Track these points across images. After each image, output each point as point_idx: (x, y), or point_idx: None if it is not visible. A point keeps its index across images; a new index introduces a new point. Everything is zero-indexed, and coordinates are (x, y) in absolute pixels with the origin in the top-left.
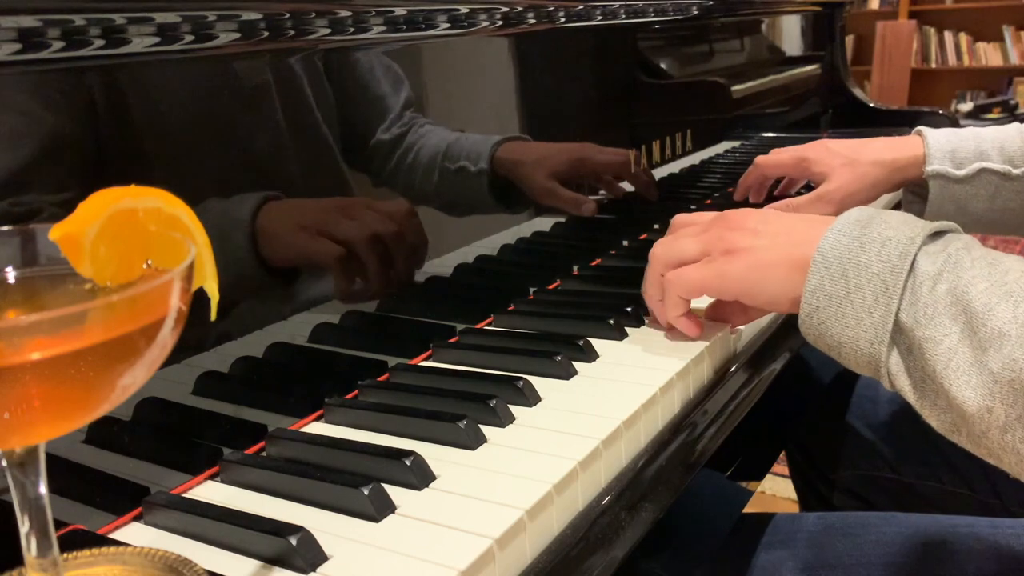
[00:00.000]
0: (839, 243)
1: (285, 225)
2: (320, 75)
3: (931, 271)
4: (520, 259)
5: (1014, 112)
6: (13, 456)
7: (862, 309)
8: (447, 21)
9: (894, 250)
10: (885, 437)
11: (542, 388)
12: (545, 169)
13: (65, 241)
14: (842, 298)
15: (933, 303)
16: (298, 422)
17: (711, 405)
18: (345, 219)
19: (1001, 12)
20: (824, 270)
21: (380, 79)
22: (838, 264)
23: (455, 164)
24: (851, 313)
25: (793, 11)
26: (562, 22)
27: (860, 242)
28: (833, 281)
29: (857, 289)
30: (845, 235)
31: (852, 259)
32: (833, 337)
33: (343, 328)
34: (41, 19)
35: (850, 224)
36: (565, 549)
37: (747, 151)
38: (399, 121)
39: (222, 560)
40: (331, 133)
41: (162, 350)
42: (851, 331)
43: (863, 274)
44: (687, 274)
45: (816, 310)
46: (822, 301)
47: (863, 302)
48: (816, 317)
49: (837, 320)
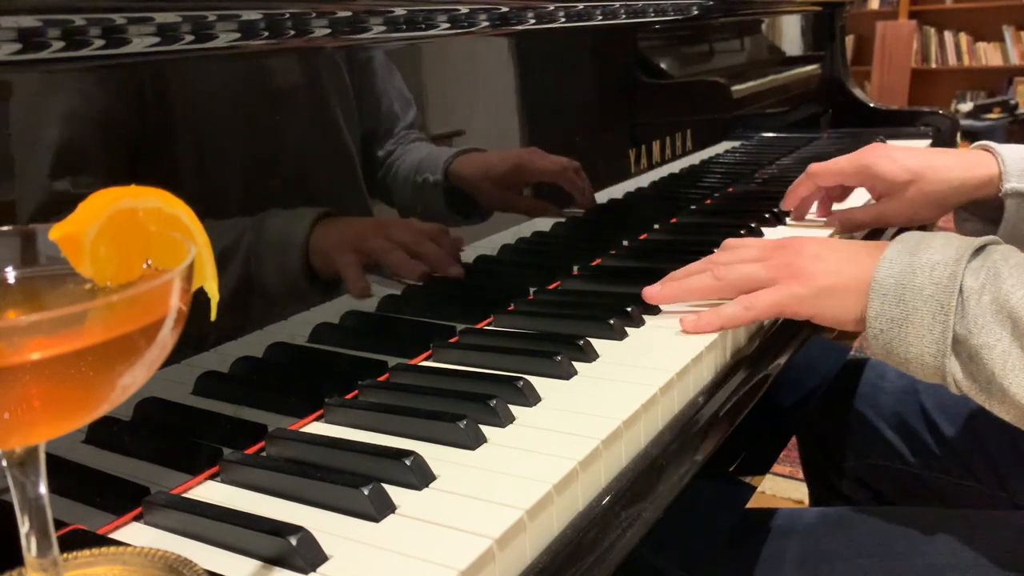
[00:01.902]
0: (892, 271)
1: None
2: (321, 79)
3: (975, 286)
4: (520, 259)
5: (1014, 112)
6: (13, 456)
7: (922, 327)
8: (447, 21)
9: (943, 272)
10: (894, 427)
11: (542, 388)
12: (491, 178)
13: (65, 241)
14: (903, 320)
15: (981, 314)
16: (298, 422)
17: (711, 404)
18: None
19: (1001, 12)
20: (883, 297)
21: (380, 88)
22: (894, 290)
23: (420, 177)
24: (913, 332)
25: (793, 11)
26: (562, 22)
27: (912, 268)
28: (892, 306)
29: (915, 311)
30: (897, 263)
31: (907, 284)
32: (900, 355)
33: (343, 328)
34: (41, 19)
35: (900, 253)
36: (565, 549)
37: (747, 151)
38: (393, 133)
39: (222, 560)
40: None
41: (162, 350)
42: (915, 348)
43: (919, 296)
44: (764, 298)
45: (881, 332)
46: (885, 324)
47: (922, 321)
48: (882, 339)
49: (901, 340)
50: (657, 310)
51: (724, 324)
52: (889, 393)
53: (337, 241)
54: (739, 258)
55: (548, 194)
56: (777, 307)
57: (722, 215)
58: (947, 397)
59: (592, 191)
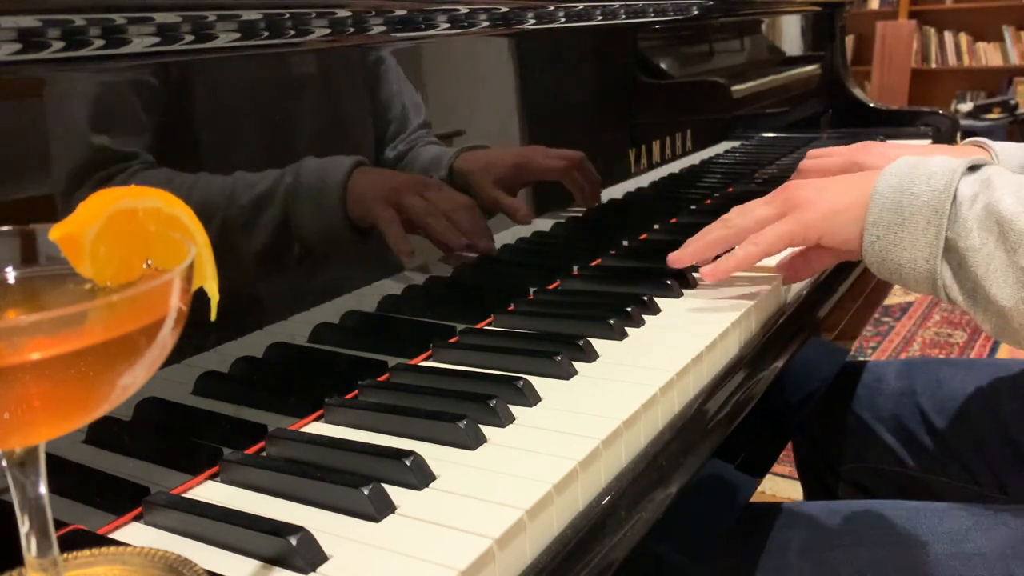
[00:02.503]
0: (892, 182)
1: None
2: (323, 80)
3: (969, 193)
4: (520, 259)
5: (1014, 112)
6: (13, 456)
7: (916, 231)
8: (447, 21)
9: (940, 180)
10: (892, 430)
11: (542, 388)
12: (491, 176)
13: (65, 241)
14: (899, 224)
15: (972, 218)
16: (298, 422)
17: (711, 405)
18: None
19: (1001, 12)
20: (881, 204)
21: (379, 88)
22: (893, 197)
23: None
24: (908, 236)
25: (793, 11)
26: (562, 22)
27: (910, 178)
28: (890, 212)
29: (911, 216)
30: (897, 175)
31: (905, 191)
32: (894, 260)
33: (343, 328)
34: (41, 19)
35: (901, 166)
36: (565, 549)
37: (747, 151)
38: (408, 138)
39: (222, 560)
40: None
41: (162, 350)
42: (909, 252)
43: (915, 202)
44: (774, 230)
45: (877, 239)
46: (882, 231)
47: (917, 225)
48: (878, 245)
49: (896, 244)
50: (657, 310)
51: (739, 264)
52: (887, 395)
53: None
54: (748, 207)
55: (552, 192)
56: (787, 236)
57: (722, 215)
58: (946, 399)
59: (600, 185)
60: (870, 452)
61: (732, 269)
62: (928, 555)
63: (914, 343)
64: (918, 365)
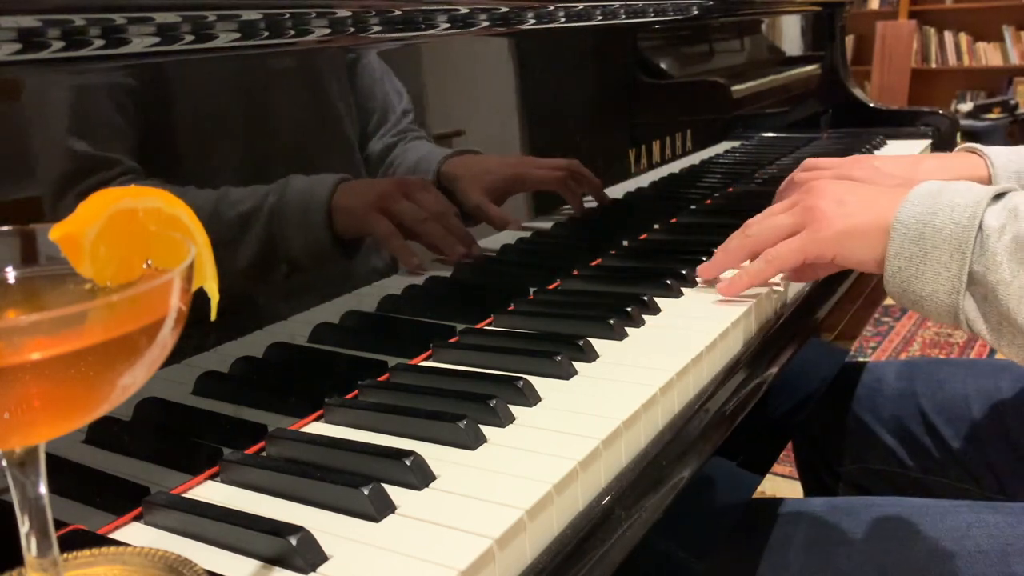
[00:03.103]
0: (914, 211)
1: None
2: (321, 76)
3: (996, 225)
4: (520, 259)
5: (1014, 112)
6: (13, 456)
7: (939, 265)
8: (447, 21)
9: (963, 213)
10: (892, 431)
11: (542, 388)
12: (481, 185)
13: (65, 241)
14: (921, 258)
15: (1001, 251)
16: (298, 422)
17: (711, 405)
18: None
19: (1001, 12)
20: (903, 235)
21: (381, 85)
22: (915, 229)
23: (416, 175)
24: (930, 270)
25: (793, 11)
26: (562, 22)
27: (933, 209)
28: (912, 244)
29: (933, 249)
30: (919, 204)
31: (927, 224)
32: (916, 292)
33: (343, 328)
34: (41, 19)
35: (923, 195)
36: (565, 549)
37: (747, 151)
38: (392, 131)
39: (222, 560)
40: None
41: (162, 350)
42: (931, 286)
43: (938, 235)
44: (789, 246)
45: (899, 271)
46: (903, 263)
47: (940, 259)
48: (899, 276)
49: (918, 277)
50: (657, 310)
51: (752, 280)
52: (887, 396)
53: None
54: (769, 213)
55: (544, 197)
56: (800, 253)
57: (722, 215)
58: (946, 400)
59: (602, 187)
60: (870, 453)
61: (746, 286)
62: (929, 552)
63: (914, 343)
64: (918, 365)
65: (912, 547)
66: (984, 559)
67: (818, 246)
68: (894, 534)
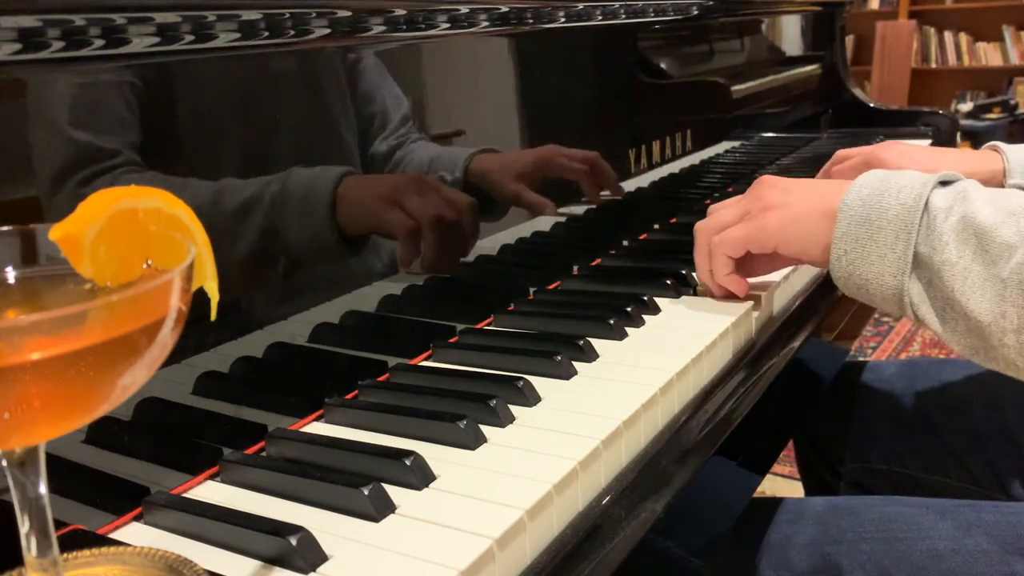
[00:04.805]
0: (862, 194)
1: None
2: (320, 77)
3: (943, 205)
4: (520, 259)
5: (1014, 112)
6: (13, 456)
7: (885, 246)
8: (447, 21)
9: (910, 194)
10: (893, 430)
11: (542, 388)
12: (511, 175)
13: (65, 241)
14: (867, 239)
15: (948, 231)
16: (298, 422)
17: (711, 405)
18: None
19: (1001, 12)
20: (850, 217)
21: (381, 88)
22: (861, 210)
23: (435, 176)
24: (875, 251)
25: (793, 11)
26: (562, 22)
27: (880, 191)
28: (858, 225)
29: (879, 230)
30: (867, 187)
31: (874, 205)
32: (861, 275)
33: (343, 328)
34: (41, 19)
35: (871, 179)
36: (565, 549)
37: (747, 151)
38: (395, 133)
39: (222, 560)
40: (334, 137)
41: (162, 350)
42: (876, 267)
43: (884, 216)
44: (731, 233)
45: (845, 253)
46: (849, 244)
47: (885, 240)
48: (845, 259)
49: (863, 259)
50: (657, 310)
51: (703, 276)
52: (888, 396)
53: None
54: (717, 207)
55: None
56: (743, 240)
57: None
58: (946, 399)
59: (617, 180)
60: (871, 452)
61: (709, 281)
62: (931, 551)
63: (914, 343)
64: (919, 365)
65: (912, 547)
66: (985, 559)
67: (760, 233)
68: (894, 534)
